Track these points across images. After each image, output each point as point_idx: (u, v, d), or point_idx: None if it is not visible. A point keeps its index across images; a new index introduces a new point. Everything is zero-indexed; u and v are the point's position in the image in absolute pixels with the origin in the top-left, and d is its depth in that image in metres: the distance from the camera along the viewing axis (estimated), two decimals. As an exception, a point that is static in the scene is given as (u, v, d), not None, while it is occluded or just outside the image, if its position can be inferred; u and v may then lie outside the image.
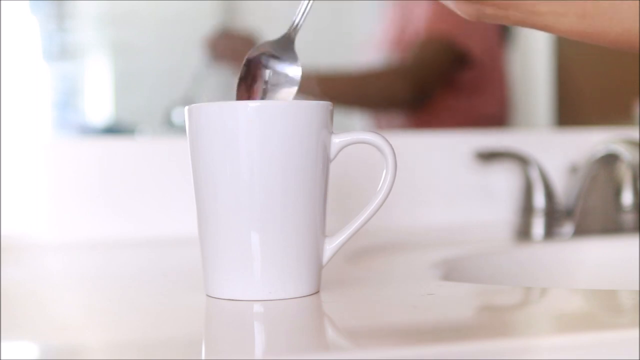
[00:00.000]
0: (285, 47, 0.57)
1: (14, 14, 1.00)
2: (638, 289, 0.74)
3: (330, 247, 0.56)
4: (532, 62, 1.20)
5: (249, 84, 0.56)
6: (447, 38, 1.09)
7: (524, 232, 0.87)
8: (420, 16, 1.11)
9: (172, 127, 1.01)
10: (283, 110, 0.53)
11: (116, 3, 1.07)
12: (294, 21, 0.57)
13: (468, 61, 1.10)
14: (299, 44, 0.58)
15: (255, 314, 0.51)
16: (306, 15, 0.57)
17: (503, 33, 1.16)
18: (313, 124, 0.53)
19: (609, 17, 0.54)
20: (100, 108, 1.06)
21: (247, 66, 0.56)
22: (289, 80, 0.56)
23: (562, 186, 0.93)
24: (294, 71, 0.57)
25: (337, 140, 0.55)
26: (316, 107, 0.54)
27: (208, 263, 0.55)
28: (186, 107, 0.55)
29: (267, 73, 0.57)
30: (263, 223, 0.53)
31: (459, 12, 0.58)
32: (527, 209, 0.87)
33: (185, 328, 0.49)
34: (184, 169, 0.60)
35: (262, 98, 0.56)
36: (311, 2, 0.57)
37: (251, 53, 0.57)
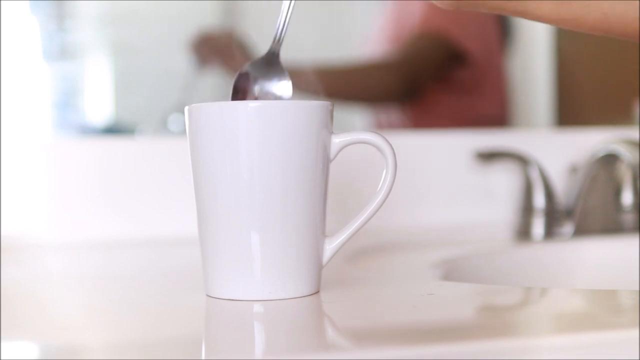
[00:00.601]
0: (270, 63, 0.57)
1: (14, 14, 1.00)
2: (638, 289, 0.74)
3: (330, 247, 0.56)
4: (532, 62, 1.20)
5: (240, 98, 0.57)
6: (441, 34, 1.09)
7: (524, 232, 0.87)
8: (416, 12, 1.11)
9: (169, 132, 1.01)
10: (283, 110, 0.53)
11: (116, 3, 1.07)
12: (276, 34, 0.57)
13: (464, 59, 1.10)
14: (295, 37, 0.58)
15: (255, 314, 0.51)
16: (287, 25, 0.57)
17: (502, 32, 1.16)
18: (313, 124, 0.53)
19: (587, 2, 0.54)
20: (100, 108, 1.06)
21: (238, 80, 0.57)
22: (277, 98, 0.57)
23: (562, 186, 0.93)
24: (282, 88, 0.57)
25: (337, 140, 0.55)
26: (316, 107, 0.54)
27: (208, 263, 0.55)
28: (186, 107, 0.55)
29: (256, 89, 0.57)
30: (263, 223, 0.53)
31: (438, 4, 0.58)
32: (527, 209, 0.87)
33: (185, 328, 0.49)
34: (184, 169, 0.60)
35: None
36: (291, 8, 0.57)
37: (241, 69, 0.57)
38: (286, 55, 0.57)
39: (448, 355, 0.42)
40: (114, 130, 1.05)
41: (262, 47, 0.57)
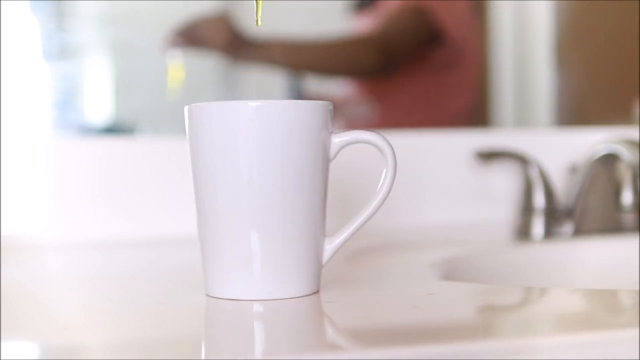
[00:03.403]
0: None
1: (14, 14, 1.00)
2: (638, 288, 0.74)
3: (330, 246, 0.56)
4: (532, 61, 1.20)
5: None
6: (421, 10, 1.09)
7: (524, 232, 0.87)
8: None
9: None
10: (283, 110, 0.53)
11: (116, 3, 1.07)
12: None
13: (442, 39, 1.10)
14: (276, 11, 0.58)
15: (255, 314, 0.51)
16: None
17: (475, 9, 1.18)
18: (313, 124, 0.53)
19: None
20: (100, 108, 1.06)
21: None
22: None
23: (562, 186, 0.93)
24: None
25: (336, 140, 0.55)
26: (316, 107, 0.54)
27: (208, 263, 0.55)
28: (186, 107, 0.55)
29: None
30: (263, 223, 0.53)
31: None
32: (527, 209, 0.87)
33: (185, 328, 0.49)
34: (184, 169, 0.60)
35: None
36: None
37: None
38: (266, 29, 0.57)
39: (448, 355, 0.42)
40: (113, 130, 1.05)
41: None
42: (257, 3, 0.56)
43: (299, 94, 1.08)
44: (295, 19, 1.07)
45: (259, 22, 0.57)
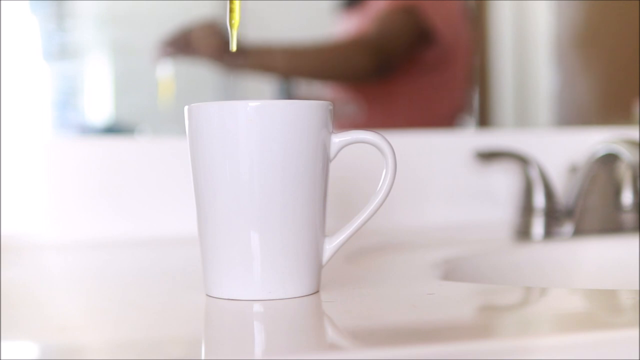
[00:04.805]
0: None
1: (14, 14, 1.00)
2: (638, 288, 0.74)
3: (330, 246, 0.56)
4: (533, 61, 1.20)
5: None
6: (410, 9, 1.09)
7: (524, 232, 0.87)
8: None
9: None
10: (283, 110, 0.53)
11: (116, 3, 1.07)
12: None
13: (432, 38, 1.09)
14: (265, 18, 0.58)
15: (255, 314, 0.51)
16: None
17: (466, 9, 1.18)
18: (313, 124, 0.53)
19: None
20: (100, 108, 1.06)
21: None
22: None
23: (562, 186, 0.93)
24: None
25: (336, 140, 0.55)
26: (316, 107, 0.54)
27: (208, 263, 0.55)
28: (186, 107, 0.55)
29: None
30: (263, 223, 0.53)
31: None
32: (527, 209, 0.87)
33: (185, 328, 0.49)
34: (184, 169, 0.60)
35: None
36: None
37: None
38: (256, 35, 0.57)
39: (448, 355, 0.42)
40: (114, 130, 1.05)
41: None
42: (231, 30, 0.56)
43: (289, 96, 1.08)
44: (288, 21, 1.07)
45: (234, 48, 0.57)
